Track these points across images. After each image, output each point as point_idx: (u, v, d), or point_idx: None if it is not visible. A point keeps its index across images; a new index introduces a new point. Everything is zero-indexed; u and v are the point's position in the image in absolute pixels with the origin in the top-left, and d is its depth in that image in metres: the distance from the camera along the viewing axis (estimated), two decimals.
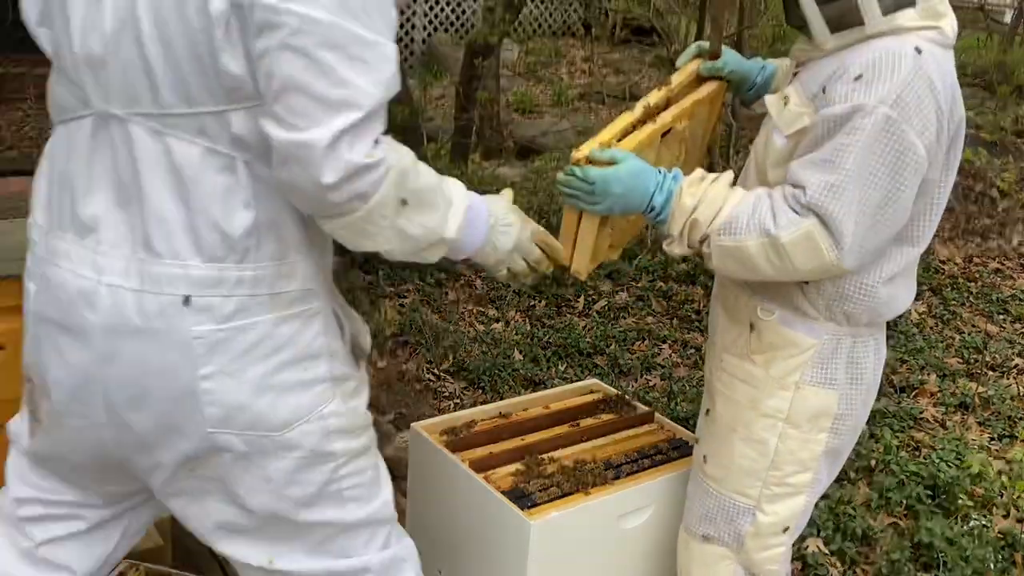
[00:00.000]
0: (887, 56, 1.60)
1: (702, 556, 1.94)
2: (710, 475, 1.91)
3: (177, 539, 2.59)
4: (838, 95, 1.61)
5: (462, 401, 3.80)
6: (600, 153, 1.70)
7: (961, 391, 4.08)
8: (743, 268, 1.69)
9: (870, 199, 1.59)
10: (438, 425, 2.21)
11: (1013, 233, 6.42)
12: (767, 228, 1.62)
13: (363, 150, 1.28)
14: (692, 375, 4.14)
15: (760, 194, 1.68)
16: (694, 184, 1.71)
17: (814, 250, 1.61)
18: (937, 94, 1.60)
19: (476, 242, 1.52)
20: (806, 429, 1.82)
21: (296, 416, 1.46)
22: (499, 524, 1.89)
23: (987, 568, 2.82)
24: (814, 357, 1.79)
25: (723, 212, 1.67)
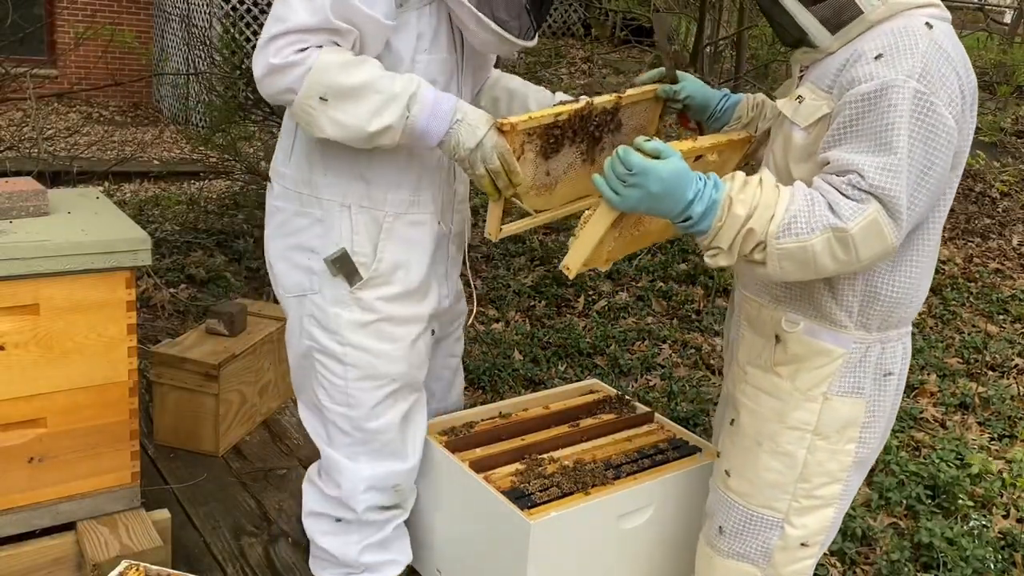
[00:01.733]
0: (902, 33, 1.59)
1: (725, 572, 1.91)
2: (735, 490, 1.87)
3: (177, 539, 2.59)
4: (863, 75, 1.59)
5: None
6: (645, 142, 1.61)
7: (961, 391, 4.08)
8: (803, 268, 1.61)
9: (914, 169, 1.57)
10: (438, 425, 2.21)
11: (1013, 233, 6.41)
12: (831, 222, 1.56)
13: (283, 55, 1.71)
14: (692, 375, 4.14)
15: (807, 190, 1.61)
16: (743, 191, 1.60)
17: (879, 235, 1.57)
18: (955, 64, 1.60)
19: (439, 132, 1.76)
20: (835, 440, 1.79)
21: (294, 288, 2.03)
22: (499, 524, 1.89)
23: (987, 568, 2.82)
24: (842, 367, 1.76)
25: (777, 215, 1.58)
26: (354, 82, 1.71)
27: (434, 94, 1.76)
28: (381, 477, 2.04)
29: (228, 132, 5.27)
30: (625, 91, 2.00)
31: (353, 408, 2.00)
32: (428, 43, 1.86)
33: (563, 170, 1.96)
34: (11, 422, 2.22)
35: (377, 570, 2.12)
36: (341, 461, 2.04)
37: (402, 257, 1.98)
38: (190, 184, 7.40)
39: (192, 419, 3.19)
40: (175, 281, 4.70)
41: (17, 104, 7.47)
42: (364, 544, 2.10)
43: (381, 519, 2.10)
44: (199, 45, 7.36)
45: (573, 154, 1.96)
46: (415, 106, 1.74)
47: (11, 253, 2.12)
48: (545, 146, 1.88)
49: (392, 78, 1.75)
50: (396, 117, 1.74)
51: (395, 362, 1.99)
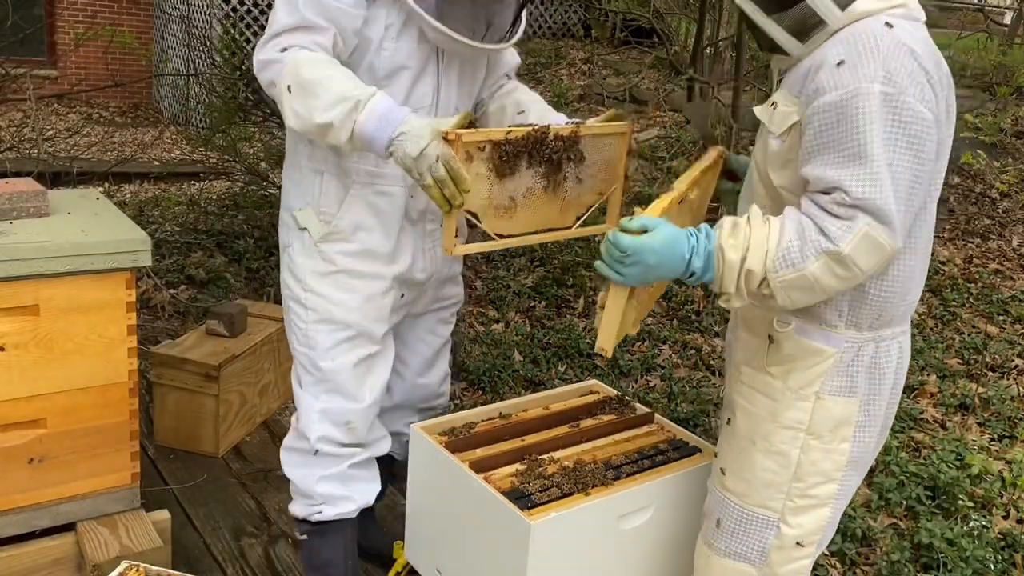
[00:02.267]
0: (862, 37, 1.60)
1: (722, 571, 1.91)
2: (731, 489, 1.88)
3: (177, 539, 2.59)
4: (826, 84, 1.60)
5: (462, 402, 3.80)
6: (630, 222, 1.66)
7: (961, 392, 4.08)
8: (810, 294, 1.63)
9: (901, 177, 1.57)
10: (438, 425, 2.21)
11: (1013, 234, 6.41)
12: (824, 247, 1.58)
13: (267, 52, 1.98)
14: (692, 376, 4.15)
15: (796, 216, 1.63)
16: (731, 236, 1.64)
17: (875, 246, 1.57)
18: (920, 58, 1.60)
19: (384, 140, 1.86)
20: (828, 439, 1.79)
21: (281, 245, 2.28)
22: (499, 524, 1.89)
23: (987, 569, 2.82)
24: (833, 367, 1.76)
25: (771, 250, 1.61)
26: (314, 76, 1.90)
27: (386, 106, 1.87)
28: (333, 411, 2.21)
29: (228, 133, 5.27)
30: (584, 123, 2.07)
31: (312, 348, 2.20)
32: (396, 32, 2.02)
33: (522, 193, 2.01)
34: (11, 423, 2.23)
35: (333, 503, 2.27)
36: (302, 396, 2.25)
37: (364, 220, 2.15)
38: (190, 185, 7.40)
39: (192, 420, 3.19)
40: (175, 282, 4.70)
41: (17, 105, 7.47)
42: (320, 476, 2.25)
43: (336, 453, 2.24)
44: (199, 46, 7.37)
45: (532, 178, 2.01)
46: (362, 114, 1.86)
47: (11, 254, 2.12)
48: (499, 164, 1.94)
49: (353, 84, 1.90)
50: (340, 117, 1.87)
51: (350, 311, 2.18)
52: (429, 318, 2.44)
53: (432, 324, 2.46)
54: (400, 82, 2.06)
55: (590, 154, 2.10)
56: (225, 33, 8.37)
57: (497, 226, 2.00)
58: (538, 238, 2.11)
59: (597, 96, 9.53)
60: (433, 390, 2.53)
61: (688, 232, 1.66)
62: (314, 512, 2.27)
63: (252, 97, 5.45)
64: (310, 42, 1.95)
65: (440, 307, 2.45)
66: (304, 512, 2.28)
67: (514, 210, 2.01)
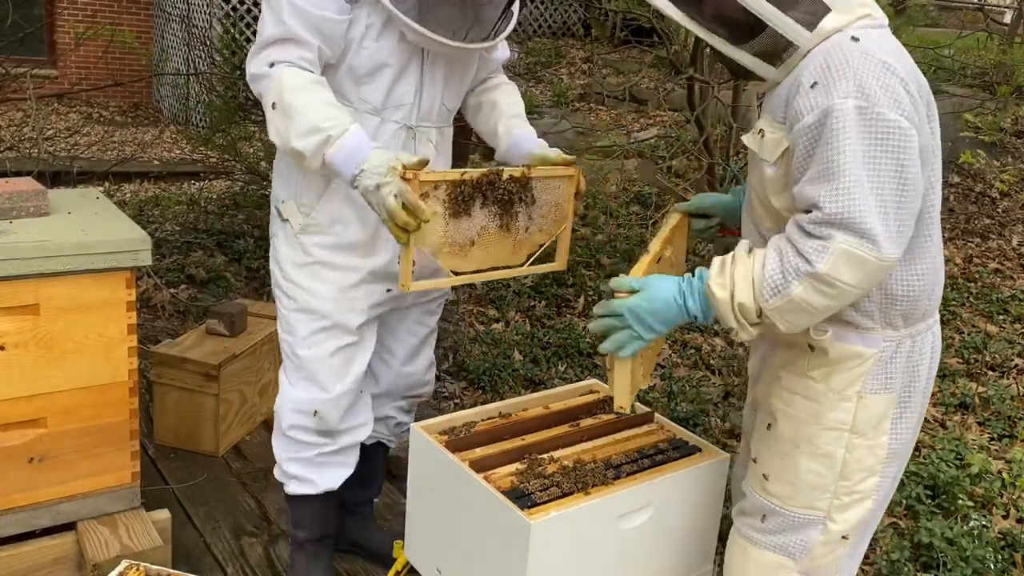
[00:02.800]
0: (831, 55, 1.62)
1: (760, 562, 1.91)
2: (774, 493, 1.87)
3: (177, 539, 2.59)
4: (803, 107, 1.62)
5: (462, 401, 3.81)
6: (619, 284, 1.74)
7: (961, 391, 4.08)
8: (808, 315, 1.65)
9: (886, 186, 1.57)
10: (438, 425, 2.21)
11: (1013, 233, 6.42)
12: (803, 269, 1.60)
13: (257, 66, 2.06)
14: (692, 375, 4.15)
15: (776, 243, 1.66)
16: (719, 275, 1.69)
17: (857, 262, 1.58)
18: (891, 68, 1.60)
19: (346, 175, 1.97)
20: (871, 436, 1.80)
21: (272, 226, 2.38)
22: (499, 524, 1.89)
23: (987, 568, 2.82)
24: (874, 366, 1.77)
25: (757, 281, 1.65)
26: (294, 103, 1.99)
27: (354, 143, 1.96)
28: (303, 400, 2.31)
29: (228, 132, 5.27)
30: (535, 167, 2.16)
31: (291, 335, 2.30)
32: (376, 32, 2.07)
33: (476, 232, 2.10)
34: (11, 422, 2.23)
35: (300, 482, 2.40)
36: (282, 380, 2.36)
37: (343, 213, 2.20)
38: (190, 184, 7.41)
39: (192, 419, 3.19)
40: (175, 281, 4.70)
41: (17, 104, 7.47)
42: (289, 456, 2.39)
43: (304, 440, 2.35)
44: (199, 45, 7.36)
45: (486, 218, 2.10)
46: (331, 147, 1.96)
47: (12, 253, 2.12)
48: (454, 204, 2.03)
49: (327, 115, 1.98)
50: (311, 149, 1.98)
51: (324, 301, 2.25)
52: (416, 310, 2.50)
53: (419, 315, 2.52)
54: (381, 80, 2.12)
55: (540, 195, 2.19)
56: (225, 32, 8.37)
57: (452, 263, 2.09)
58: (491, 275, 2.21)
59: (597, 95, 9.53)
60: (419, 378, 2.60)
61: (679, 279, 1.73)
62: (284, 484, 2.44)
63: (252, 97, 5.43)
64: (296, 57, 2.03)
65: (427, 299, 2.50)
66: (279, 479, 2.46)
67: (469, 248, 2.10)
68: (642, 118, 9.02)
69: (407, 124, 2.20)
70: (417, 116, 2.21)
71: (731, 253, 1.71)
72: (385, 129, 2.17)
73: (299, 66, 2.03)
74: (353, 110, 2.12)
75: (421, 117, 2.21)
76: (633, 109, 9.05)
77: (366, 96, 2.13)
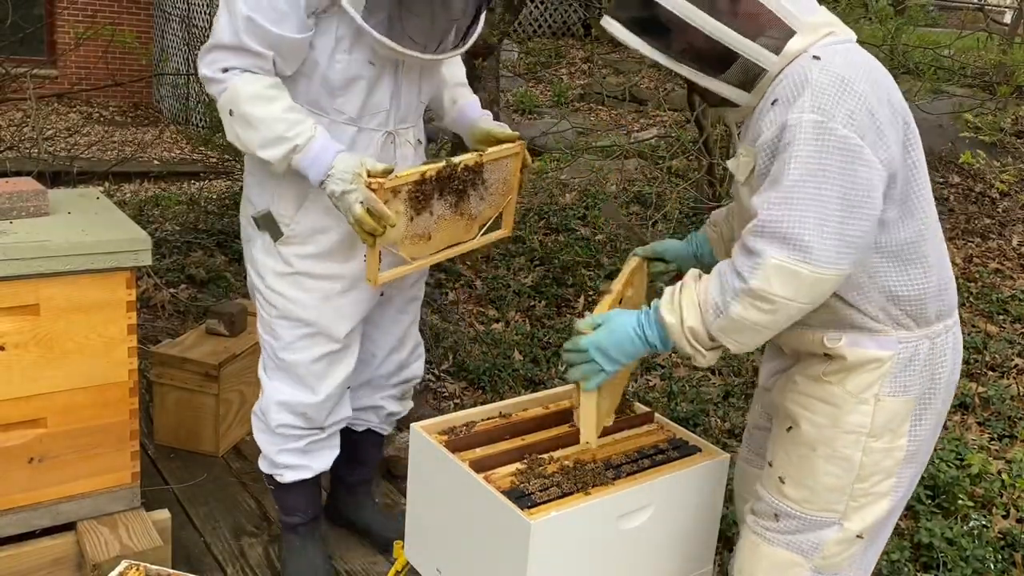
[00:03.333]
0: (792, 75, 1.65)
1: (772, 560, 1.91)
2: (791, 497, 1.88)
3: (177, 539, 2.59)
4: (764, 124, 1.66)
5: (462, 401, 3.81)
6: (583, 323, 1.82)
7: (961, 391, 4.08)
8: (753, 334, 1.67)
9: (829, 201, 1.58)
10: (438, 425, 2.20)
11: (1013, 233, 6.42)
12: (737, 286, 1.63)
13: (211, 69, 2.04)
14: (692, 375, 4.15)
15: (720, 266, 1.70)
16: (668, 302, 1.74)
17: (789, 274, 1.59)
18: (848, 83, 1.61)
19: (315, 179, 2.03)
20: (888, 439, 1.81)
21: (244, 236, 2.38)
22: (499, 524, 1.89)
23: (987, 568, 2.82)
24: (892, 368, 1.78)
25: (702, 304, 1.69)
26: (254, 114, 2.02)
27: (320, 147, 2.01)
28: (291, 403, 2.35)
29: None
30: (486, 151, 2.25)
31: (275, 340, 2.32)
32: (348, 44, 2.06)
33: (434, 221, 2.18)
34: (11, 422, 2.23)
35: (293, 470, 2.43)
36: (265, 381, 2.39)
37: (321, 223, 2.21)
38: (190, 184, 7.41)
39: (192, 419, 3.20)
40: (175, 281, 4.70)
41: (17, 104, 7.48)
42: (280, 448, 2.42)
43: (294, 434, 2.40)
44: (199, 45, 7.36)
45: (442, 207, 2.19)
46: (298, 155, 2.02)
47: (12, 253, 2.12)
48: (415, 202, 2.11)
49: (288, 124, 2.01)
50: (277, 157, 2.03)
51: (307, 310, 2.27)
52: (397, 299, 2.54)
53: (401, 305, 2.56)
54: (355, 91, 2.13)
55: (490, 175, 2.29)
56: None
57: (413, 252, 2.19)
58: (446, 254, 2.32)
59: (597, 95, 9.53)
60: (407, 364, 2.65)
61: (639, 313, 1.78)
62: (276, 474, 2.46)
63: None
64: (251, 64, 2.03)
65: (407, 285, 2.54)
66: (268, 471, 2.47)
67: (428, 237, 2.20)
68: (642, 118, 9.03)
69: (386, 129, 2.22)
70: (395, 121, 2.23)
71: (680, 281, 1.76)
72: (363, 137, 2.19)
73: (252, 71, 2.03)
74: (329, 121, 2.14)
75: (399, 120, 2.24)
76: (633, 109, 9.05)
77: (341, 107, 2.15)
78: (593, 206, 6.26)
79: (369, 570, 2.67)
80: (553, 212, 6.10)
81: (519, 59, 10.55)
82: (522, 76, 9.98)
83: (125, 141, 9.16)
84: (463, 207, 2.24)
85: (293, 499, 2.52)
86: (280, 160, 2.03)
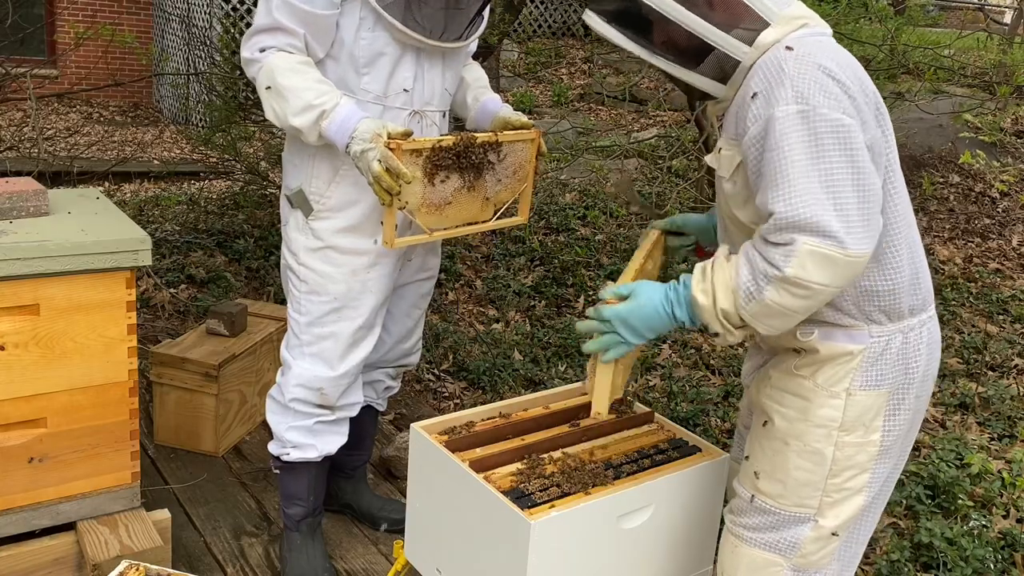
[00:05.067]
0: (767, 67, 1.67)
1: (751, 561, 1.92)
2: (766, 492, 1.88)
3: (177, 539, 2.59)
4: (749, 119, 1.67)
5: (462, 401, 3.81)
6: (608, 293, 1.80)
7: (961, 391, 4.08)
8: (785, 319, 1.67)
9: (840, 180, 1.59)
10: (438, 425, 2.21)
11: (1013, 233, 6.42)
12: (771, 274, 1.61)
13: (250, 51, 2.23)
14: (692, 375, 4.15)
15: (747, 250, 1.69)
16: (700, 281, 1.73)
17: (824, 260, 1.58)
18: (827, 70, 1.62)
19: (340, 144, 2.16)
20: (861, 433, 1.81)
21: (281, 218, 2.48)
22: (499, 524, 1.89)
23: (987, 568, 2.82)
24: (863, 362, 1.78)
25: (734, 288, 1.68)
26: (285, 84, 2.17)
27: (346, 113, 2.15)
28: (309, 378, 2.44)
29: (228, 132, 5.26)
30: (502, 132, 2.38)
31: (303, 316, 2.42)
32: (372, 23, 2.22)
33: (450, 193, 2.29)
34: (11, 422, 2.23)
35: (299, 448, 2.52)
36: (287, 357, 2.49)
37: (350, 196, 2.33)
38: (190, 184, 7.41)
39: (192, 419, 3.20)
40: (175, 281, 4.70)
41: (17, 104, 7.47)
42: (290, 425, 2.50)
43: (305, 411, 2.48)
44: (199, 45, 7.37)
45: (458, 181, 2.29)
46: (325, 120, 2.15)
47: (11, 253, 2.12)
48: (431, 168, 2.21)
49: (318, 92, 2.16)
50: (307, 124, 2.17)
51: (336, 283, 2.38)
52: (412, 292, 2.66)
53: (415, 299, 2.69)
54: (380, 67, 2.27)
55: (506, 157, 2.40)
56: (225, 32, 8.38)
57: (429, 221, 2.28)
58: (463, 231, 2.42)
59: (597, 95, 9.53)
60: (409, 351, 2.79)
61: (666, 287, 1.76)
62: (283, 453, 2.53)
63: (252, 96, 5.44)
64: (285, 43, 2.20)
65: (424, 278, 2.67)
66: (276, 451, 2.55)
67: (444, 207, 2.29)
68: (642, 118, 9.03)
69: (412, 108, 2.34)
70: (420, 101, 2.35)
71: (712, 259, 1.74)
72: (389, 115, 2.31)
73: (287, 51, 2.20)
74: (357, 100, 2.25)
75: (424, 102, 2.36)
76: (633, 109, 9.06)
77: (367, 86, 2.27)
78: (593, 206, 6.26)
79: (369, 570, 2.68)
80: (553, 212, 6.10)
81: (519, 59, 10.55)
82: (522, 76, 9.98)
83: (125, 141, 9.16)
84: (479, 185, 2.34)
85: (296, 484, 2.57)
86: (310, 127, 2.16)
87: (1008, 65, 8.38)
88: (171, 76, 9.47)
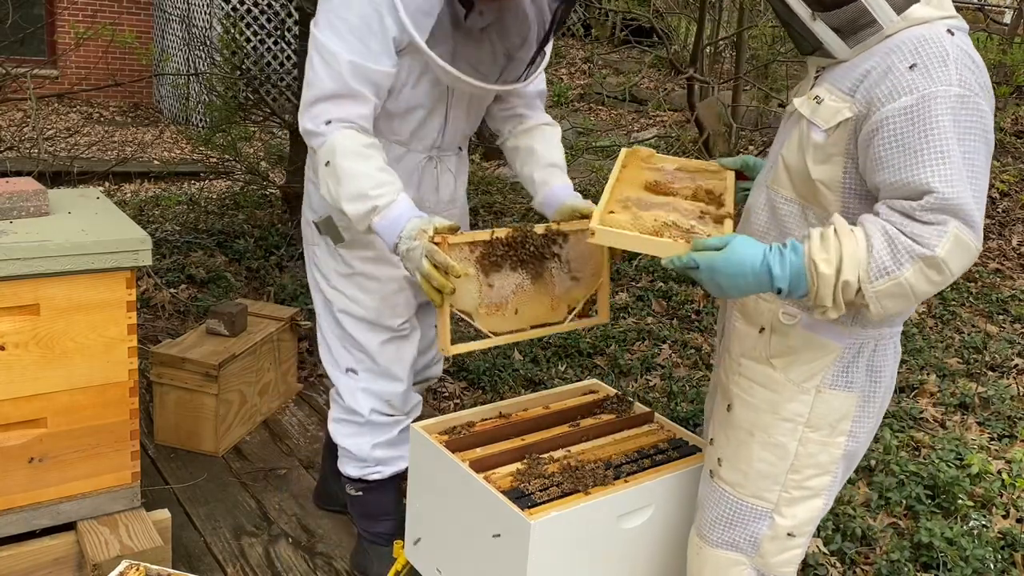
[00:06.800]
0: (930, 42, 1.60)
1: (715, 562, 1.93)
2: (726, 480, 1.89)
3: (177, 539, 2.59)
4: (900, 87, 1.58)
5: (462, 401, 3.80)
6: (703, 242, 1.67)
7: (961, 391, 4.08)
8: (903, 301, 1.59)
9: (980, 173, 1.57)
10: (438, 425, 2.21)
11: (1013, 233, 6.42)
12: (918, 252, 1.54)
13: (315, 123, 2.09)
14: (692, 375, 4.15)
15: (881, 225, 1.58)
16: (823, 249, 1.60)
17: (964, 248, 1.55)
18: (978, 67, 1.61)
19: (389, 241, 2.05)
20: (826, 433, 1.81)
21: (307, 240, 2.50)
22: (499, 523, 1.89)
23: (987, 568, 2.82)
24: (836, 361, 1.78)
25: (862, 261, 1.57)
26: (345, 166, 2.05)
27: (399, 212, 2.03)
28: (375, 390, 2.45)
29: (228, 132, 5.27)
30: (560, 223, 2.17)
31: (344, 334, 2.43)
32: (415, 79, 2.18)
33: (511, 291, 2.10)
34: (11, 422, 2.23)
35: (386, 463, 2.52)
36: (341, 378, 2.47)
37: None
38: (190, 184, 7.40)
39: (192, 419, 3.20)
40: (175, 281, 4.70)
41: (17, 104, 7.47)
42: (374, 443, 2.48)
43: (386, 422, 2.48)
44: (199, 45, 7.37)
45: (520, 276, 2.11)
46: (377, 216, 2.04)
47: (11, 253, 2.12)
48: (485, 264, 2.05)
49: (376, 182, 2.04)
50: (358, 214, 2.05)
51: (368, 309, 2.39)
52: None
53: None
54: (412, 119, 2.26)
55: (572, 248, 2.18)
56: (225, 32, 8.37)
57: (490, 324, 2.08)
58: (532, 333, 2.17)
59: (597, 95, 9.53)
60: (430, 363, 2.77)
61: (766, 249, 1.64)
62: (371, 473, 2.52)
63: (252, 97, 5.45)
64: (355, 115, 2.08)
65: None
66: (359, 473, 2.53)
67: (505, 307, 2.10)
68: (642, 118, 9.03)
69: (429, 154, 2.35)
70: (440, 148, 2.37)
71: (831, 227, 1.62)
72: (409, 158, 2.32)
73: (357, 125, 2.09)
74: (383, 140, 2.21)
75: (443, 148, 2.38)
76: (633, 109, 9.06)
77: (396, 130, 2.27)
78: None
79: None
80: None
81: None
82: None
83: (125, 141, 9.16)
84: (544, 280, 2.15)
85: (384, 500, 2.57)
86: (361, 218, 2.05)
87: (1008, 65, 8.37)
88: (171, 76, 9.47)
